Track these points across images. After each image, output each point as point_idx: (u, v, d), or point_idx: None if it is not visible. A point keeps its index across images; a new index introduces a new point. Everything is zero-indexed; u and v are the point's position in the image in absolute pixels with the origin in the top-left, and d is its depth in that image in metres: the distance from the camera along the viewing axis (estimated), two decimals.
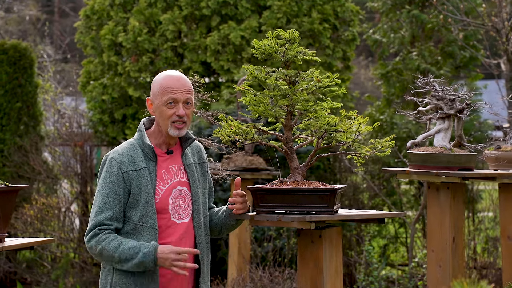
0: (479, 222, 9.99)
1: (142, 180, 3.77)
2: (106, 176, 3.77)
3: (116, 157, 3.79)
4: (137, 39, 10.89)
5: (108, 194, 3.75)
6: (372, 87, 14.64)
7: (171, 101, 3.79)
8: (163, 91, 3.81)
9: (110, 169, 3.77)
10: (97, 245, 3.71)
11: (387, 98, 11.30)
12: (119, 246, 3.69)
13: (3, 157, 10.87)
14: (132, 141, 3.87)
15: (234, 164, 8.06)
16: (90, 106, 11.57)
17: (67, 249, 10.35)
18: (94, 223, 3.74)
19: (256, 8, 11.08)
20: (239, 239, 8.33)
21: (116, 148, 3.87)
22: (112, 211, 3.74)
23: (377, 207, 10.18)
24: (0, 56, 11.02)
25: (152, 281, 3.75)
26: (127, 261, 3.69)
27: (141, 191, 3.76)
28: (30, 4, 22.90)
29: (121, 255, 3.68)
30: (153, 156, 3.83)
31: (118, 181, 3.75)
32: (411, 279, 8.65)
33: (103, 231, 3.72)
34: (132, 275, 3.74)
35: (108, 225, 3.74)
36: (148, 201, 3.77)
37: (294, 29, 4.30)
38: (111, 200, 3.74)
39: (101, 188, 3.76)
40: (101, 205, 3.74)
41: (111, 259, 3.71)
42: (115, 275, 3.77)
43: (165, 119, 3.81)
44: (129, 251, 3.68)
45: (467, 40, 11.20)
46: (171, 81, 3.82)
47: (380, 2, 11.48)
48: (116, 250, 3.68)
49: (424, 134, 5.50)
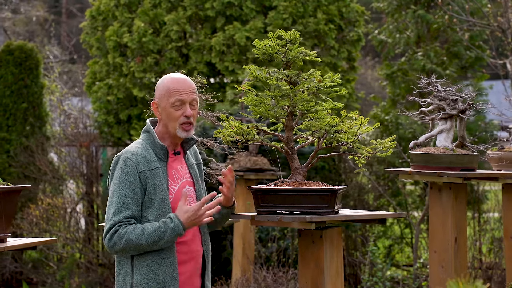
0: (485, 222, 9.98)
1: (157, 179, 3.81)
2: (122, 176, 3.78)
3: (131, 157, 3.81)
4: (142, 40, 10.91)
5: (126, 194, 3.76)
6: (379, 88, 14.62)
7: (179, 103, 3.85)
8: (169, 93, 3.86)
9: (126, 169, 3.79)
10: (120, 240, 3.72)
11: (393, 98, 11.29)
12: (143, 233, 3.72)
13: (9, 157, 10.91)
14: (142, 142, 3.90)
15: (239, 165, 8.07)
16: (96, 106, 11.60)
17: (72, 250, 10.38)
18: (113, 222, 3.75)
19: (261, 9, 11.08)
20: (244, 239, 8.34)
21: (128, 148, 3.88)
22: (131, 210, 3.77)
23: (382, 208, 10.18)
24: (6, 57, 11.07)
25: (173, 279, 3.80)
26: (157, 242, 3.73)
27: (156, 190, 3.80)
28: (37, 5, 22.97)
29: (148, 239, 3.71)
30: (165, 156, 3.88)
31: (136, 181, 3.78)
32: (416, 279, 8.64)
33: (121, 226, 3.75)
34: (153, 274, 3.77)
35: (128, 222, 3.76)
36: (164, 200, 3.81)
37: (298, 30, 4.32)
38: (129, 199, 3.76)
39: (118, 188, 3.77)
40: (119, 205, 3.76)
41: (139, 247, 3.73)
42: (136, 275, 3.78)
43: (173, 121, 3.86)
44: (156, 233, 3.72)
45: (473, 40, 11.18)
46: (177, 83, 3.87)
47: (386, 3, 11.47)
48: (142, 237, 3.71)
49: (426, 135, 5.49)
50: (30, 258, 10.81)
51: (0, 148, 10.93)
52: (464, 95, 5.44)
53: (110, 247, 3.76)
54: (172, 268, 3.80)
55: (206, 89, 5.34)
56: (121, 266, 3.84)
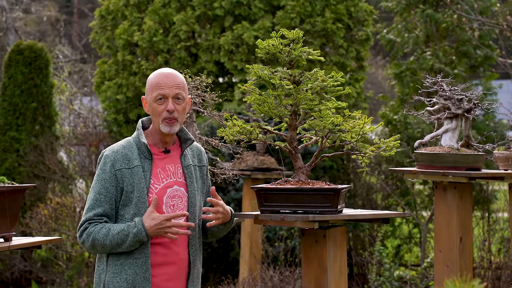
0: (494, 222, 9.94)
1: (135, 178, 3.77)
2: (100, 173, 3.79)
3: (110, 155, 3.80)
4: (152, 39, 10.93)
5: (99, 191, 3.77)
6: (389, 87, 14.59)
7: (161, 97, 3.81)
8: (152, 88, 3.83)
9: (104, 167, 3.79)
10: (88, 238, 3.73)
11: (401, 98, 11.26)
12: (108, 233, 3.71)
13: (18, 156, 10.95)
14: (129, 139, 3.88)
15: (246, 164, 8.08)
16: (105, 105, 11.62)
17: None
18: (84, 219, 3.77)
19: (269, 8, 11.09)
20: (251, 239, 8.34)
21: (112, 145, 3.88)
22: (103, 208, 3.76)
23: (391, 208, 10.16)
24: (16, 56, 11.11)
25: (144, 280, 3.75)
26: (120, 245, 3.71)
27: (134, 189, 3.76)
28: (49, 5, 23.04)
29: (112, 241, 3.71)
30: (148, 154, 3.82)
31: (110, 179, 3.76)
32: (423, 279, 8.63)
33: (91, 224, 3.75)
34: (124, 273, 3.74)
35: (98, 220, 3.76)
36: (140, 199, 3.77)
37: (306, 29, 4.32)
38: (102, 197, 3.76)
39: (94, 185, 3.79)
40: (93, 202, 3.77)
41: (103, 247, 3.73)
42: (108, 274, 3.77)
43: (156, 116, 3.83)
44: (119, 235, 3.70)
45: (482, 39, 11.15)
46: (160, 77, 3.83)
47: (394, 2, 11.45)
48: (106, 238, 3.71)
49: (432, 134, 5.48)
50: (39, 257, 10.85)
51: (10, 148, 10.97)
52: (470, 95, 5.43)
53: (81, 243, 3.78)
54: (144, 268, 3.74)
55: (213, 89, 5.35)
56: (99, 263, 3.84)
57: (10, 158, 10.93)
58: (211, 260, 9.94)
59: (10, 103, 11.02)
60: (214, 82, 10.95)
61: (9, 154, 10.95)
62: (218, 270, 9.97)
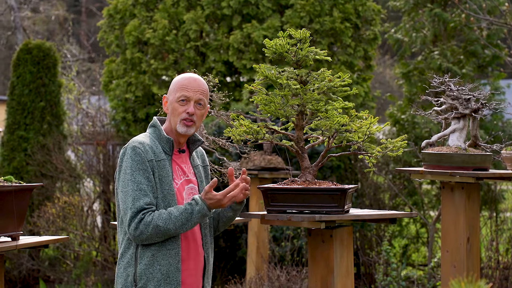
0: (502, 222, 9.92)
1: (163, 171, 3.81)
2: (134, 165, 3.75)
3: (139, 146, 3.80)
4: (165, 38, 10.94)
5: (141, 181, 3.74)
6: (397, 86, 14.57)
7: (184, 99, 3.88)
8: (177, 89, 3.91)
9: (136, 157, 3.76)
10: (147, 228, 3.70)
11: (409, 97, 11.24)
12: (170, 217, 3.71)
13: (26, 155, 10.98)
14: (148, 135, 3.91)
15: (253, 164, 8.08)
16: (113, 104, 11.63)
17: (89, 248, 10.43)
18: (135, 210, 3.71)
19: (277, 7, 11.08)
20: (258, 238, 8.34)
21: (134, 138, 3.87)
22: (149, 197, 3.74)
23: (398, 207, 10.15)
24: (24, 56, 11.13)
25: (177, 270, 3.79)
26: (184, 225, 3.73)
27: (162, 181, 3.79)
28: (57, 4, 23.08)
29: (176, 223, 3.71)
30: (170, 150, 3.88)
31: (148, 168, 3.77)
32: (431, 279, 8.61)
33: (145, 214, 3.72)
34: (158, 264, 3.76)
35: (150, 208, 3.74)
36: (170, 191, 3.80)
37: (315, 29, 4.32)
38: (145, 186, 3.74)
39: (131, 177, 3.73)
40: (137, 192, 3.72)
41: (167, 232, 3.72)
42: (140, 265, 3.76)
43: (175, 116, 3.89)
44: (183, 215, 3.73)
45: (490, 39, 11.11)
46: (187, 80, 3.92)
47: (402, 1, 11.43)
48: (169, 222, 3.71)
49: (439, 134, 5.47)
50: (46, 256, 10.87)
51: (18, 147, 11.00)
52: (477, 95, 5.41)
53: (137, 236, 3.71)
54: (176, 259, 3.79)
55: (221, 88, 5.35)
56: (124, 257, 3.82)
57: (18, 157, 10.95)
58: (218, 259, 9.94)
59: (19, 102, 11.04)
60: (222, 82, 10.94)
61: (17, 153, 10.98)
62: (225, 269, 9.98)
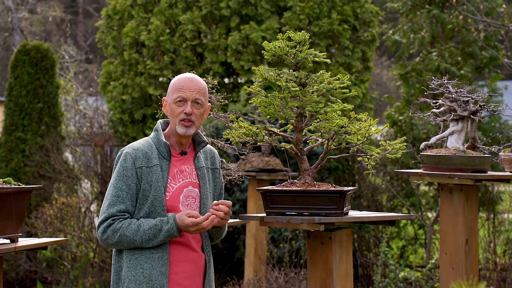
0: (499, 224, 9.92)
1: (154, 176, 3.83)
2: (120, 170, 3.83)
3: (131, 152, 3.86)
4: (159, 39, 10.93)
5: (121, 187, 3.81)
6: (395, 88, 14.59)
7: (180, 99, 3.90)
8: (173, 90, 3.93)
9: (125, 163, 3.84)
10: (114, 234, 3.77)
11: (407, 99, 11.25)
12: (138, 229, 3.76)
13: (24, 156, 10.97)
14: (148, 139, 3.96)
15: (251, 165, 8.08)
16: (111, 105, 11.63)
17: (86, 249, 10.42)
18: (107, 215, 3.80)
19: (276, 9, 11.08)
20: (256, 240, 8.34)
21: (132, 143, 3.95)
22: (125, 204, 3.81)
23: (396, 209, 10.15)
24: (22, 57, 11.12)
25: (161, 274, 3.81)
26: (150, 241, 3.77)
27: (151, 187, 3.83)
28: (54, 5, 23.06)
29: (143, 237, 3.76)
30: (167, 154, 3.90)
31: (132, 176, 3.82)
32: (428, 281, 8.61)
33: (116, 220, 3.79)
34: (140, 267, 3.79)
35: (122, 216, 3.81)
36: (157, 198, 3.83)
37: (314, 31, 4.32)
38: (124, 193, 3.81)
39: (114, 182, 3.83)
40: (114, 198, 3.81)
41: (132, 243, 3.78)
42: (124, 269, 3.82)
43: (174, 117, 3.92)
44: (151, 231, 3.77)
45: (487, 40, 11.12)
46: (183, 81, 3.94)
47: (400, 3, 11.43)
48: (137, 233, 3.76)
49: (438, 136, 5.48)
50: (44, 257, 10.86)
51: (16, 148, 10.99)
52: (476, 97, 5.42)
53: (103, 240, 3.81)
54: (160, 263, 3.81)
55: (219, 89, 5.35)
56: (116, 261, 3.89)
57: (16, 158, 10.94)
58: (215, 260, 9.94)
59: (16, 103, 11.03)
60: (220, 83, 10.94)
61: (15, 154, 10.97)
62: (222, 271, 9.98)
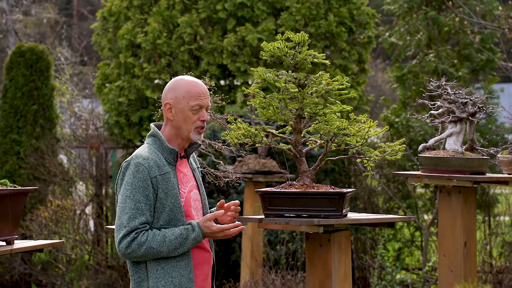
0: (496, 226, 9.92)
1: (168, 184, 3.80)
2: (135, 182, 3.75)
3: (143, 162, 3.78)
4: (156, 42, 10.90)
5: (139, 199, 3.74)
6: (390, 90, 14.57)
7: (198, 107, 3.87)
8: (190, 97, 3.86)
9: (138, 174, 3.76)
10: (140, 248, 3.72)
11: (403, 101, 11.24)
12: (164, 240, 3.73)
13: (19, 159, 10.93)
14: (150, 147, 3.87)
15: (247, 167, 8.05)
16: (107, 108, 11.58)
17: (81, 252, 10.38)
18: (129, 229, 3.73)
19: (272, 10, 11.06)
20: (252, 242, 8.31)
21: (138, 153, 3.84)
22: (145, 216, 3.75)
23: (392, 211, 10.13)
24: (17, 59, 11.09)
25: (190, 280, 3.81)
26: (177, 250, 3.76)
27: (167, 195, 3.79)
28: (49, 7, 23.02)
29: (169, 247, 3.73)
30: (174, 160, 3.86)
31: (149, 186, 3.76)
32: (425, 283, 8.60)
33: (139, 233, 3.74)
34: (169, 276, 3.77)
35: (143, 228, 3.76)
36: (176, 204, 3.80)
37: (310, 32, 4.30)
38: (143, 205, 3.75)
39: (131, 194, 3.75)
40: (134, 211, 3.73)
41: (158, 254, 3.74)
42: (151, 279, 3.77)
43: (189, 124, 3.86)
44: (177, 240, 3.75)
45: (483, 43, 11.12)
46: (198, 88, 3.89)
47: (397, 5, 11.42)
48: (163, 245, 3.73)
49: (436, 138, 5.46)
50: (39, 260, 10.81)
51: (11, 150, 10.95)
52: (474, 98, 5.41)
53: (127, 254, 3.73)
54: (188, 270, 3.80)
55: (215, 91, 5.33)
56: (135, 272, 3.83)
57: (10, 160, 10.90)
58: None
59: (11, 105, 11.00)
60: (216, 85, 10.91)
61: (10, 156, 10.93)
62: (219, 273, 9.95)
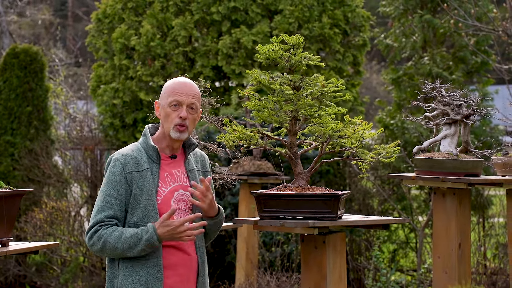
0: (490, 228, 9.94)
1: (145, 181, 3.83)
2: (110, 176, 3.84)
3: (120, 158, 3.86)
4: (150, 44, 10.90)
5: (110, 193, 3.82)
6: (384, 92, 14.62)
7: (176, 103, 3.88)
8: (168, 93, 3.91)
9: (114, 169, 3.84)
10: (99, 241, 3.77)
11: (398, 103, 11.25)
12: (120, 236, 3.76)
13: (13, 160, 10.91)
14: (137, 144, 3.96)
15: (243, 169, 8.06)
16: (101, 110, 11.58)
17: (76, 253, 10.37)
18: (94, 221, 3.81)
19: (266, 13, 11.07)
20: (247, 243, 8.32)
21: (121, 149, 3.95)
22: (113, 210, 3.81)
23: (387, 212, 10.15)
24: (11, 60, 11.07)
25: (157, 280, 3.80)
26: (132, 249, 3.76)
27: (142, 192, 3.82)
28: (43, 8, 23.00)
29: (124, 244, 3.75)
30: (157, 158, 3.89)
31: (121, 181, 3.82)
32: (420, 284, 8.61)
33: (103, 227, 3.79)
34: (136, 274, 3.79)
35: (109, 222, 3.80)
36: (150, 201, 3.82)
37: (304, 34, 4.32)
38: (112, 199, 3.81)
39: (104, 188, 3.84)
40: (103, 204, 3.81)
41: (114, 250, 3.77)
42: (120, 277, 3.82)
43: (168, 121, 3.90)
44: (132, 239, 3.75)
45: (478, 45, 11.15)
46: (178, 85, 3.92)
47: (392, 7, 11.44)
48: (118, 241, 3.75)
49: (430, 140, 5.48)
50: (33, 262, 10.80)
51: (5, 151, 10.93)
52: (468, 100, 5.42)
53: (90, 246, 3.81)
54: (156, 269, 3.81)
55: (210, 93, 5.33)
56: (109, 268, 3.89)
57: (5, 162, 10.88)
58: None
59: (5, 107, 10.98)
60: (211, 87, 10.90)
61: (4, 158, 10.91)
62: (214, 275, 9.95)
